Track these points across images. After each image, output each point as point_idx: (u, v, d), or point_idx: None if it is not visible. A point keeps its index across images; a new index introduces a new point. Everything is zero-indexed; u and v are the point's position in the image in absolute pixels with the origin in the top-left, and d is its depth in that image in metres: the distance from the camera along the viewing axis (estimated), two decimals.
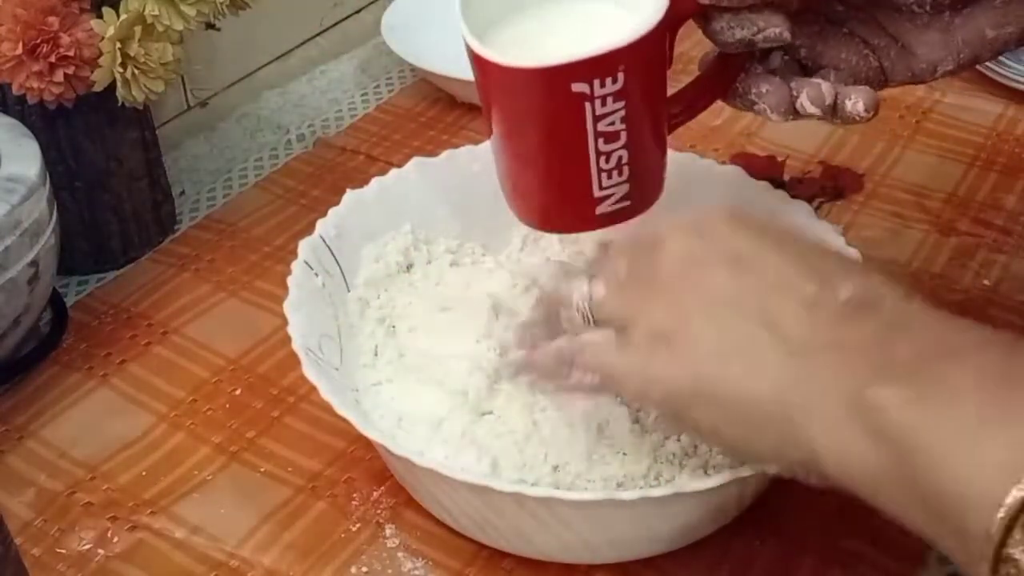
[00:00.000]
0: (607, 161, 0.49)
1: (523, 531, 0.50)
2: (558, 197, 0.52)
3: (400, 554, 0.54)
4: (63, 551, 0.55)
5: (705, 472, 0.52)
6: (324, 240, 0.60)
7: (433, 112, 0.87)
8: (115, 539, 0.55)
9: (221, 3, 0.66)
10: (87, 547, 0.55)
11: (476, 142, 0.65)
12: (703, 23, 0.50)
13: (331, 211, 0.62)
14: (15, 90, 0.62)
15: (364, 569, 0.54)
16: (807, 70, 0.52)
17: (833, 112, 0.50)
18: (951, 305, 0.67)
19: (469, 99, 0.86)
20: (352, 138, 0.84)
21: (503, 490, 0.47)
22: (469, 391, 0.56)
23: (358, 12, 0.97)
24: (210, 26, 0.69)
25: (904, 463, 0.36)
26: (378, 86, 0.91)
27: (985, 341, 0.38)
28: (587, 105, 0.48)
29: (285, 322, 0.54)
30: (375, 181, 0.64)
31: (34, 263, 0.59)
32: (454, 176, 0.65)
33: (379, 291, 0.62)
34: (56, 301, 0.68)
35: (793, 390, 0.40)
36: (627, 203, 0.51)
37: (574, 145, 0.49)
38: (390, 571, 0.53)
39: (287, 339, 0.53)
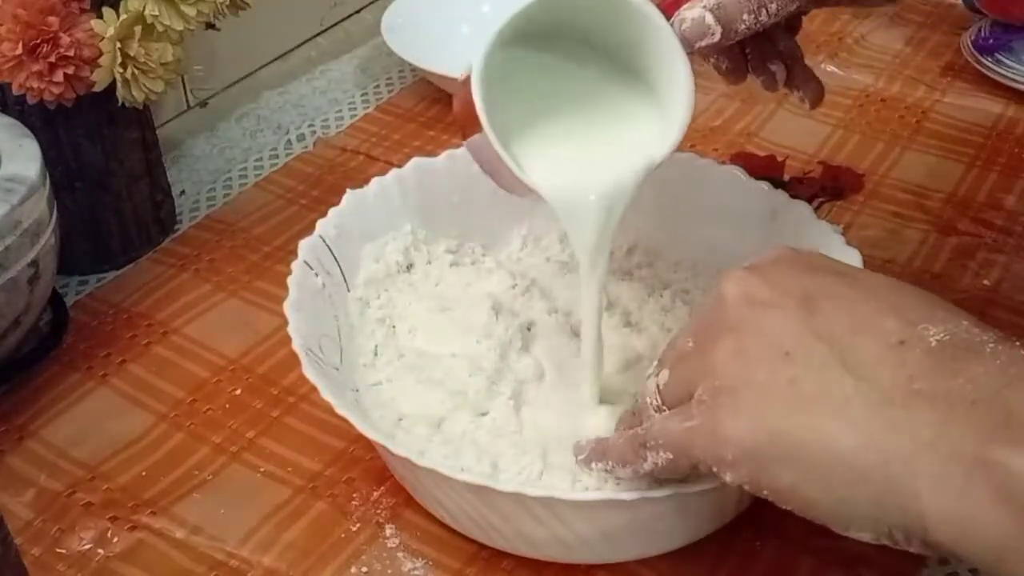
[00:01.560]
0: None
1: (523, 531, 0.50)
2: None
3: (400, 554, 0.54)
4: (63, 551, 0.55)
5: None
6: (324, 240, 0.60)
7: (433, 112, 0.87)
8: (115, 539, 0.55)
9: (221, 3, 0.66)
10: (87, 547, 0.55)
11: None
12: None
13: (331, 211, 0.62)
14: (15, 90, 0.62)
15: (364, 569, 0.54)
16: None
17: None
18: None
19: None
20: (352, 138, 0.84)
21: (503, 490, 0.47)
22: (469, 391, 0.56)
23: (358, 12, 0.97)
24: (210, 26, 0.69)
25: None
26: (378, 86, 0.91)
27: None
28: None
29: (285, 322, 0.54)
30: (375, 181, 0.64)
31: (34, 263, 0.59)
32: (454, 176, 0.65)
33: (379, 291, 0.62)
34: (56, 301, 0.68)
35: (891, 443, 0.35)
36: None
37: None
38: (390, 571, 0.53)
39: (287, 339, 0.53)
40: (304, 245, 0.59)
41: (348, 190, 0.63)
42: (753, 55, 0.57)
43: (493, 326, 0.59)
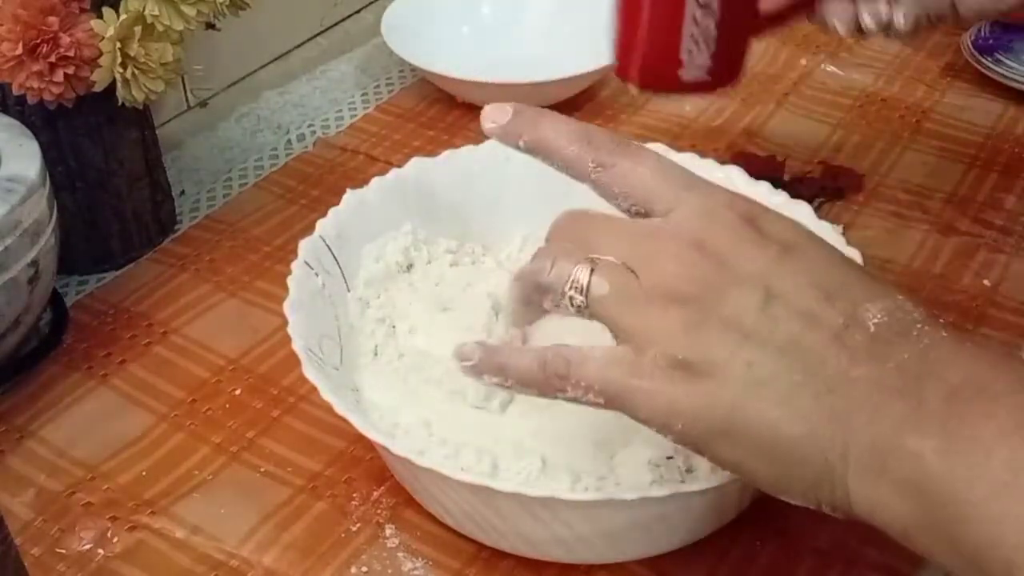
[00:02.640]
0: (697, 30, 0.56)
1: (523, 531, 0.50)
2: (650, 51, 0.58)
3: (400, 554, 0.54)
4: (63, 551, 0.55)
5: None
6: (324, 240, 0.60)
7: (433, 112, 0.87)
8: (115, 539, 0.55)
9: (221, 3, 0.66)
10: (87, 547, 0.55)
11: (476, 142, 0.65)
12: None
13: (331, 211, 0.62)
14: (15, 90, 0.62)
15: (364, 569, 0.54)
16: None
17: (888, 29, 0.57)
18: (951, 305, 0.67)
19: (469, 99, 0.86)
20: (352, 138, 0.84)
21: (503, 490, 0.47)
22: (468, 391, 0.56)
23: (358, 12, 0.97)
24: (210, 26, 0.69)
25: (935, 514, 0.36)
26: (378, 86, 0.91)
27: (1018, 380, 0.37)
28: None
29: (285, 322, 0.54)
30: (375, 181, 0.64)
31: (34, 263, 0.59)
32: (454, 176, 0.65)
33: (379, 291, 0.62)
34: (56, 301, 0.68)
35: (829, 430, 0.38)
36: (707, 77, 0.57)
37: (674, 6, 0.57)
38: (390, 571, 0.53)
39: (287, 339, 0.53)
40: (304, 245, 0.59)
41: (348, 190, 0.63)
42: None
43: (493, 326, 0.59)
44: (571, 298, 0.42)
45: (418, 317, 0.60)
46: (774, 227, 0.42)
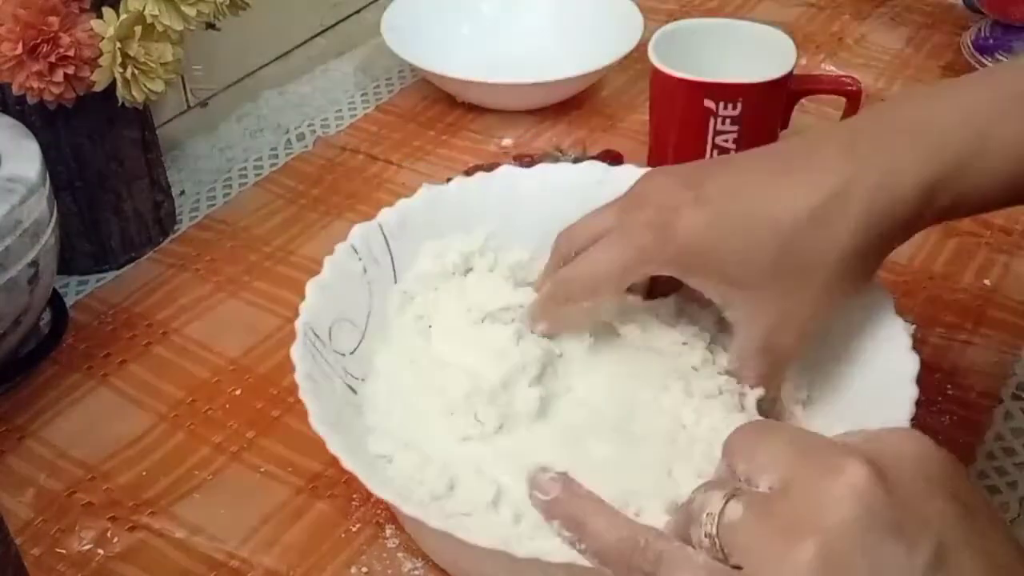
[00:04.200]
0: None
1: None
2: None
3: (400, 554, 0.54)
4: (63, 551, 0.55)
5: None
6: (382, 229, 0.60)
7: (433, 112, 0.87)
8: (115, 539, 0.55)
9: (221, 3, 0.66)
10: (87, 547, 0.55)
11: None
12: None
13: (400, 201, 0.61)
14: (15, 90, 0.62)
15: (364, 569, 0.54)
16: None
17: None
18: (951, 305, 0.67)
19: (469, 99, 0.86)
20: (352, 138, 0.84)
21: (522, 556, 0.43)
22: (458, 411, 0.54)
23: (358, 12, 0.97)
24: (210, 26, 0.69)
25: None
26: (378, 86, 0.91)
27: None
28: (711, 119, 0.71)
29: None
30: (456, 181, 0.63)
31: (34, 263, 0.59)
32: (544, 189, 0.63)
33: (428, 289, 0.60)
34: (56, 301, 0.68)
35: None
36: None
37: (696, 142, 0.72)
38: (390, 571, 0.53)
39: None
40: (357, 230, 0.59)
41: (425, 184, 0.62)
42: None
43: (511, 349, 0.55)
44: (704, 526, 0.35)
45: (452, 323, 0.58)
46: (963, 482, 0.35)
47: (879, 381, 0.53)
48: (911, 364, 0.52)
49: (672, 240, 0.51)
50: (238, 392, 0.63)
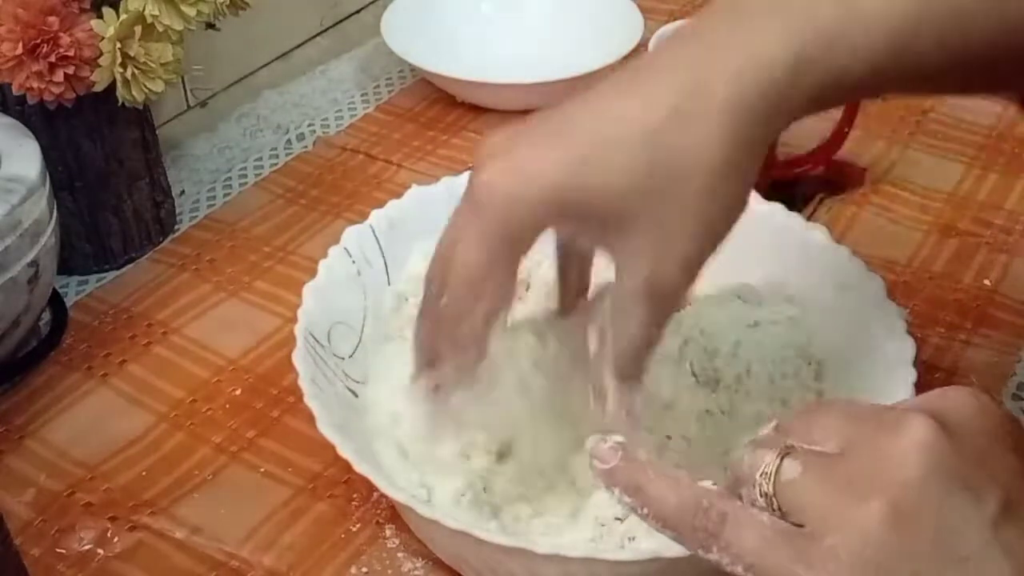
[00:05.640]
0: None
1: None
2: None
3: (400, 554, 0.54)
4: (63, 551, 0.55)
5: None
6: (373, 230, 0.60)
7: (433, 112, 0.87)
8: (115, 539, 0.55)
9: (221, 3, 0.66)
10: (87, 547, 0.55)
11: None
12: None
13: (390, 203, 0.61)
14: (15, 90, 0.62)
15: (364, 569, 0.54)
16: None
17: None
18: (951, 305, 0.67)
19: (469, 99, 0.86)
20: (352, 138, 0.84)
21: (542, 553, 0.44)
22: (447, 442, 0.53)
23: (358, 12, 0.97)
24: (210, 26, 0.69)
25: None
26: (378, 86, 0.91)
27: None
28: None
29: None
30: (444, 180, 0.63)
31: (34, 263, 0.59)
32: None
33: (421, 289, 0.60)
34: (56, 301, 0.68)
35: None
36: None
37: None
38: (390, 571, 0.53)
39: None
40: (349, 232, 0.59)
41: (414, 185, 0.63)
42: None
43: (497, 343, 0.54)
44: (760, 486, 0.35)
45: None
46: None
47: (876, 367, 0.53)
48: (908, 349, 0.52)
49: (533, 181, 0.44)
50: (238, 392, 0.63)
